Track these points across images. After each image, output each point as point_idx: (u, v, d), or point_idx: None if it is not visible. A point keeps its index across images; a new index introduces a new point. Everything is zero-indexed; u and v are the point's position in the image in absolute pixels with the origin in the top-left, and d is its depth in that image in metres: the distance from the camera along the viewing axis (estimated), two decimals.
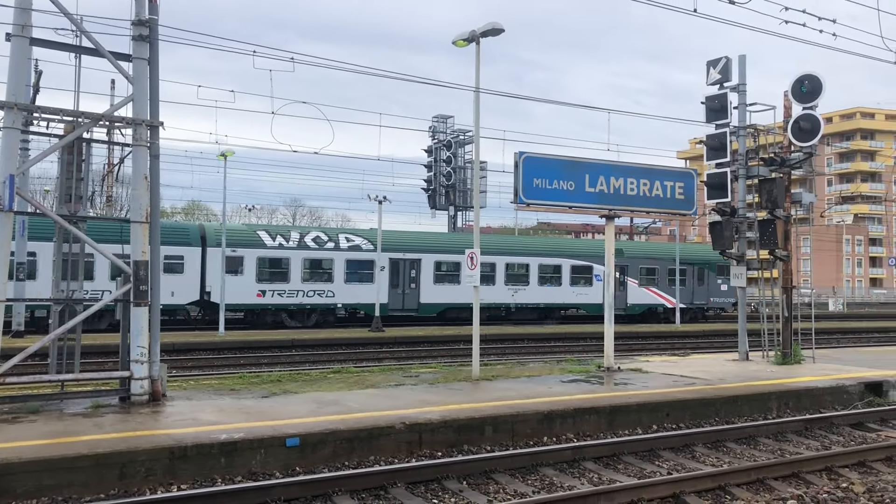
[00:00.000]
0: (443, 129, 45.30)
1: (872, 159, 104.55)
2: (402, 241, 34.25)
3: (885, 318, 46.34)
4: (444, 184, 44.43)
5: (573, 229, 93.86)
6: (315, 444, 8.96)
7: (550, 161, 14.77)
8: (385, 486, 8.17)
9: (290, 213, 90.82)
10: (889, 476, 8.94)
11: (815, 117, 16.71)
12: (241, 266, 30.59)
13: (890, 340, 31.42)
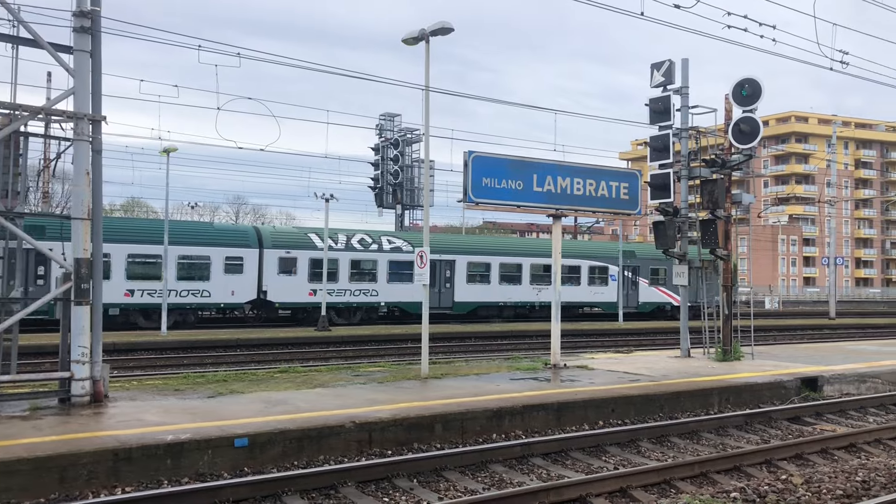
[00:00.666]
0: (390, 127, 45.18)
1: (806, 162, 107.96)
2: (438, 243, 35.48)
3: (818, 315, 47.90)
4: (391, 182, 44.32)
5: (518, 228, 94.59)
6: (264, 444, 8.86)
7: (499, 160, 14.87)
8: (335, 486, 8.13)
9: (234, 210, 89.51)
10: (825, 468, 9.27)
11: (754, 120, 17.18)
12: (294, 267, 31.90)
13: (823, 337, 32.51)
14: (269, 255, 31.28)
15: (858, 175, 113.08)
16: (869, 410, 13.55)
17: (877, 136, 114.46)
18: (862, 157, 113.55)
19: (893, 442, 11.01)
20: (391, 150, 44.28)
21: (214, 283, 29.77)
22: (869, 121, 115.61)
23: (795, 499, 7.70)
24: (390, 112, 45.42)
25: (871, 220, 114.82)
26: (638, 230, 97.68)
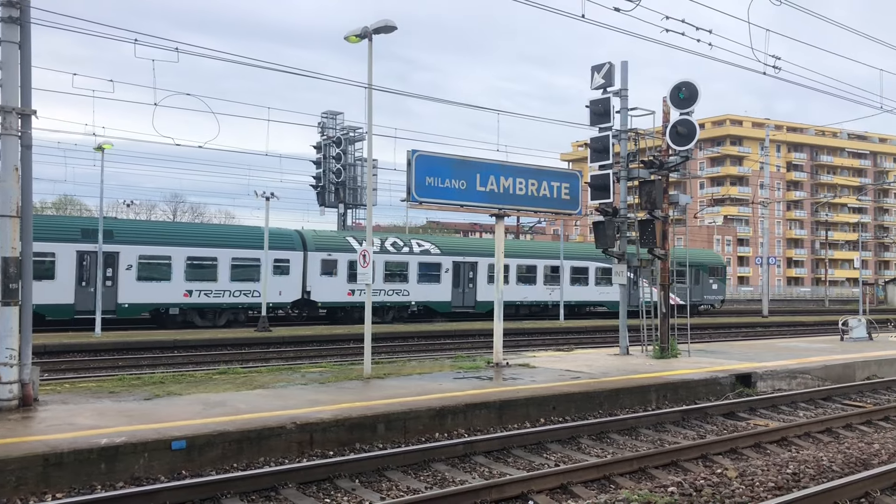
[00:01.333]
0: (332, 125, 44.79)
1: (741, 164, 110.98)
2: (462, 246, 38.82)
3: (752, 313, 49.27)
4: (333, 181, 43.90)
5: (461, 228, 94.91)
6: (202, 447, 8.69)
7: (443, 160, 14.89)
8: (276, 487, 8.03)
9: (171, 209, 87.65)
10: (758, 461, 9.53)
11: (691, 123, 17.58)
12: (334, 268, 33.75)
13: (756, 335, 33.47)
14: (312, 257, 33.04)
15: (790, 177, 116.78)
16: (799, 405, 14.00)
17: (807, 139, 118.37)
18: (793, 160, 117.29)
19: (822, 435, 11.41)
20: (333, 148, 43.88)
21: (264, 283, 30.56)
22: (799, 125, 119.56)
23: (730, 492, 7.90)
24: (333, 110, 45.02)
25: (801, 221, 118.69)
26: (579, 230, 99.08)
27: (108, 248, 28.00)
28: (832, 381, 16.44)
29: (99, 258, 26.54)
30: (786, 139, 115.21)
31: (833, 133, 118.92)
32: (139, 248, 29.10)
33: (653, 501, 7.40)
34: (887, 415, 12.94)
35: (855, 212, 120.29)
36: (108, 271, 28.34)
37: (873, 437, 11.07)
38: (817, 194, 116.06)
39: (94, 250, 27.51)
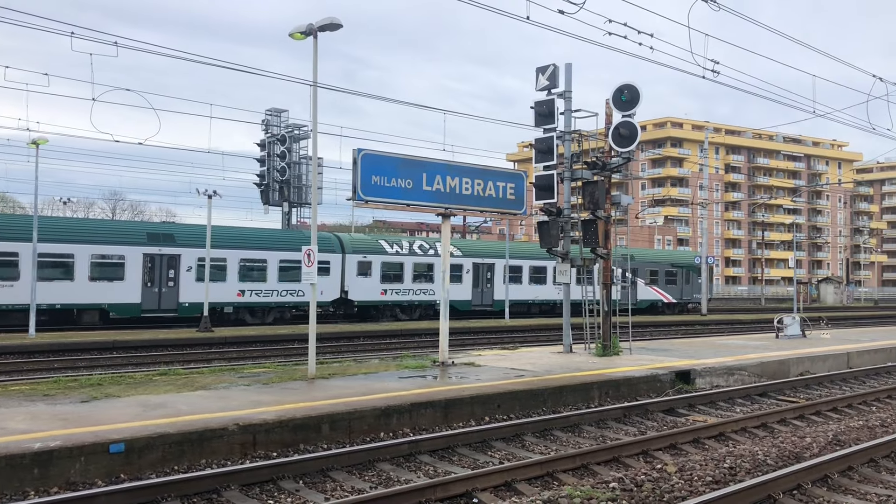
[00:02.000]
0: (277, 123, 44.24)
1: (681, 165, 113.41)
2: (481, 249, 41.55)
3: (690, 312, 50.34)
4: (277, 179, 43.36)
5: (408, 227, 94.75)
6: (142, 450, 8.51)
7: (389, 159, 14.86)
8: (218, 490, 7.91)
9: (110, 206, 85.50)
10: (696, 456, 9.76)
11: (633, 125, 17.89)
12: (369, 269, 36.12)
13: (696, 333, 34.23)
14: (350, 259, 35.47)
15: (728, 179, 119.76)
16: (736, 401, 14.38)
17: (744, 142, 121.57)
18: (731, 162, 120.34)
19: (757, 430, 11.74)
20: (278, 146, 43.35)
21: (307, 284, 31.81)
22: (737, 127, 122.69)
23: (669, 486, 8.07)
24: (278, 108, 44.48)
25: (739, 221, 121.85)
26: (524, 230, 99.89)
27: (171, 251, 30.63)
28: (768, 378, 16.93)
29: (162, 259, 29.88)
30: (724, 142, 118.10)
31: (769, 136, 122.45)
32: (198, 251, 30.56)
33: (595, 497, 7.52)
34: (819, 409, 13.39)
35: (790, 213, 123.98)
36: (170, 272, 30.46)
37: (805, 432, 11.45)
38: (754, 196, 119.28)
39: (159, 253, 30.34)
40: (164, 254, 30.36)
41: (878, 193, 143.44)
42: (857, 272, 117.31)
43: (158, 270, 30.40)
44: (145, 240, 30.51)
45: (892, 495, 8.17)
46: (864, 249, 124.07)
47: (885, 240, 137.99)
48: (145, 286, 30.22)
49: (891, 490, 8.41)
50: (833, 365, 19.18)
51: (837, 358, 19.55)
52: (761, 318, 42.48)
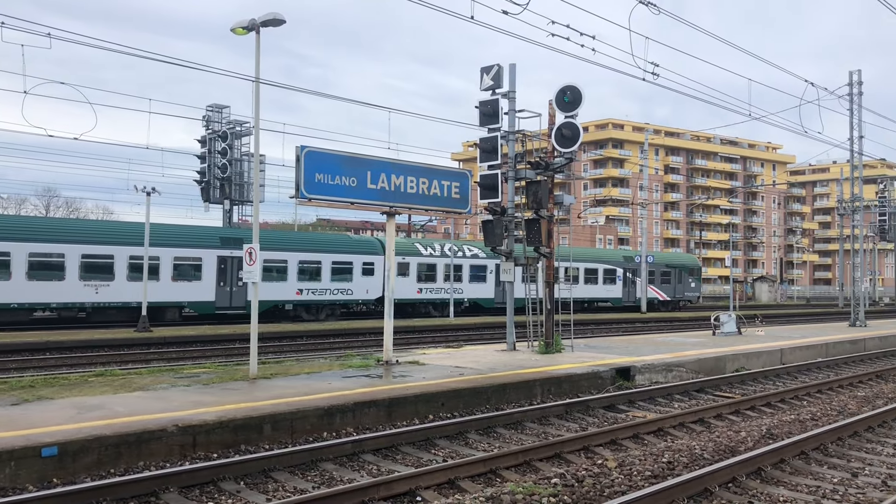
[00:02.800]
0: (218, 119, 43.51)
1: (622, 166, 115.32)
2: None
3: (631, 309, 51.24)
4: (218, 176, 42.65)
5: (353, 226, 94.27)
6: (76, 453, 8.28)
7: (333, 156, 14.75)
8: (156, 492, 7.75)
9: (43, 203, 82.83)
10: (636, 451, 9.95)
11: (575, 126, 18.12)
12: (407, 270, 39.29)
13: (636, 330, 34.86)
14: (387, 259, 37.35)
15: (667, 180, 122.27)
16: (675, 397, 14.70)
17: (683, 143, 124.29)
18: (670, 163, 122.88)
19: (695, 425, 12.02)
20: (219, 142, 42.63)
21: (355, 283, 37.29)
22: (676, 129, 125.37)
23: (610, 482, 8.22)
24: (219, 103, 43.75)
25: (678, 221, 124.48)
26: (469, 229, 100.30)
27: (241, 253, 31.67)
28: (705, 374, 17.35)
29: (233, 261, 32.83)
30: (664, 143, 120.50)
31: (707, 138, 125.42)
32: (265, 253, 30.83)
33: (537, 493, 7.60)
34: (753, 404, 13.78)
35: (726, 213, 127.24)
36: (238, 273, 32.48)
37: (741, 426, 11.77)
38: (692, 196, 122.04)
39: (230, 255, 32.94)
40: (234, 256, 32.86)
41: (810, 195, 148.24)
42: (790, 271, 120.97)
43: (229, 271, 33.30)
44: (219, 243, 33.54)
45: (820, 486, 8.46)
46: (796, 249, 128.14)
47: (817, 240, 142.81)
48: (218, 286, 33.19)
49: (819, 481, 8.71)
50: (767, 361, 19.76)
51: (771, 354, 20.15)
52: (699, 316, 43.46)
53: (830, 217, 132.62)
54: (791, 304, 78.69)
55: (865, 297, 39.05)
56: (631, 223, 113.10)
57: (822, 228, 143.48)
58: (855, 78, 32.15)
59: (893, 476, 8.92)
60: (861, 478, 8.84)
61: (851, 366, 20.81)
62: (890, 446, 10.62)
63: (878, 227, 61.47)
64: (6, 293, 27.87)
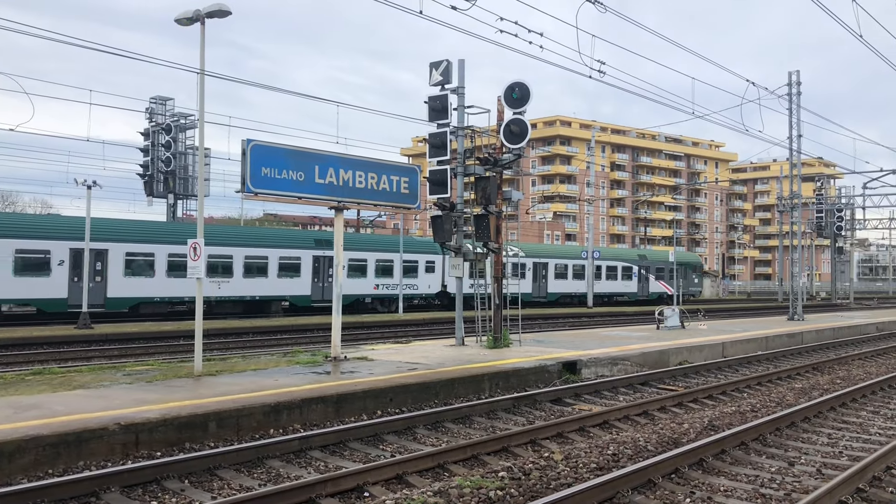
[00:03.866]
0: (162, 111, 42.61)
1: (569, 163, 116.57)
2: (538, 251, 51.96)
3: (578, 305, 51.91)
4: (162, 170, 41.78)
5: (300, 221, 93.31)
6: (12, 454, 8.03)
7: (280, 150, 14.57)
8: (96, 493, 7.57)
9: None
10: (582, 444, 10.09)
11: (523, 122, 18.25)
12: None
13: (582, 325, 35.30)
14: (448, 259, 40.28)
15: (613, 177, 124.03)
16: (620, 390, 14.94)
17: (629, 141, 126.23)
18: (616, 161, 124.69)
19: (639, 418, 12.24)
20: (163, 135, 41.75)
21: (420, 279, 42.64)
22: (622, 127, 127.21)
23: (556, 474, 8.32)
24: (162, 95, 42.85)
25: (623, 217, 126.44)
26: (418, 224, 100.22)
27: (330, 253, 36.19)
28: (649, 367, 17.67)
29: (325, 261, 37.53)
30: (610, 140, 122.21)
31: (652, 136, 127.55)
32: (348, 253, 36.44)
33: (484, 487, 7.65)
34: (696, 397, 14.09)
35: (671, 210, 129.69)
36: (329, 271, 36.96)
37: (684, 418, 12.03)
38: (637, 193, 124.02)
39: (323, 255, 37.23)
40: (327, 255, 37.23)
41: (752, 192, 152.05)
42: (731, 266, 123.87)
43: (322, 269, 37.79)
44: (313, 244, 38.04)
45: (759, 475, 8.70)
46: (738, 245, 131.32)
47: (758, 236, 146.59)
48: (313, 282, 37.63)
49: (758, 470, 8.96)
50: (709, 354, 20.23)
51: (713, 348, 20.63)
52: (643, 311, 44.24)
53: (771, 214, 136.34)
54: (733, 298, 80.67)
55: (803, 292, 40.16)
56: (578, 219, 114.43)
57: (762, 225, 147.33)
58: (794, 78, 33.06)
59: (828, 464, 9.22)
60: (797, 466, 9.13)
61: (789, 358, 21.43)
62: (825, 436, 10.98)
63: (816, 224, 63.46)
64: (154, 288, 32.92)
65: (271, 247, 36.57)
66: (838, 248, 67.71)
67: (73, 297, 29.88)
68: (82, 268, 28.31)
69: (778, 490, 8.11)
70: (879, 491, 8.06)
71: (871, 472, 8.48)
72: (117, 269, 31.55)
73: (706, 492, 8.03)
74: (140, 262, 32.32)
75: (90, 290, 28.70)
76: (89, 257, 28.18)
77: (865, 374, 17.49)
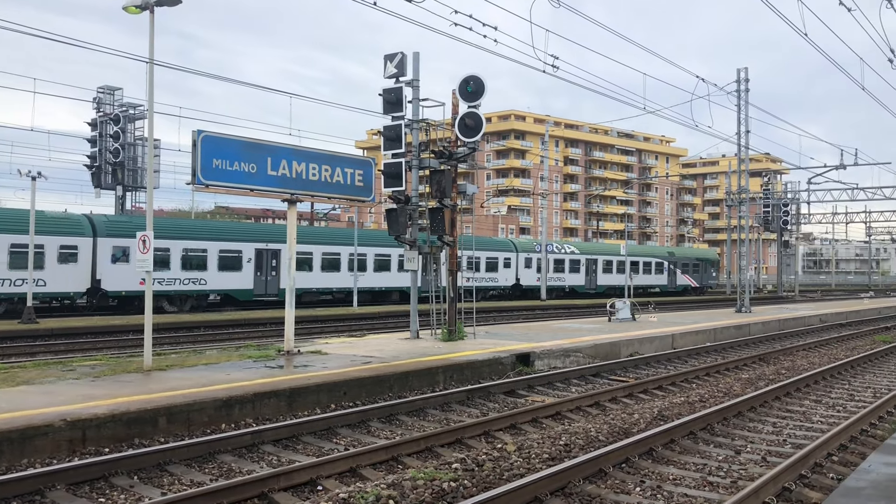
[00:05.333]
0: (110, 101, 41.61)
1: (524, 157, 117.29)
2: (590, 249, 59.83)
3: (532, 298, 52.31)
4: (110, 161, 40.82)
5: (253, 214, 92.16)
6: None
7: (232, 142, 14.35)
8: (41, 490, 7.41)
9: None
10: (535, 435, 10.19)
11: (478, 116, 18.28)
12: (531, 263, 52.11)
13: (535, 317, 35.60)
14: (521, 256, 51.61)
15: (567, 171, 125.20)
16: (572, 381, 15.13)
17: (582, 135, 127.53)
18: (570, 155, 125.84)
19: (591, 408, 12.41)
20: (111, 126, 40.77)
21: (500, 274, 49.71)
22: (575, 122, 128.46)
23: (509, 465, 8.39)
24: (110, 85, 41.85)
25: (576, 211, 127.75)
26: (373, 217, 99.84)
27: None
28: (601, 359, 17.91)
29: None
30: (563, 135, 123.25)
31: (605, 131, 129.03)
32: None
33: (438, 478, 7.68)
34: (646, 388, 14.33)
35: (622, 204, 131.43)
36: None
37: (634, 409, 12.23)
38: (590, 187, 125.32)
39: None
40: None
41: (701, 186, 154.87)
42: None
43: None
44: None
45: (707, 464, 8.90)
46: (688, 239, 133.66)
47: (707, 230, 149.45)
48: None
49: (706, 459, 9.16)
50: (659, 346, 20.58)
51: (663, 339, 21.00)
52: (595, 303, 44.75)
53: (719, 208, 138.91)
54: None
55: (750, 284, 41.15)
56: (532, 213, 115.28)
57: (711, 219, 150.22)
58: (742, 75, 33.74)
59: (772, 452, 9.47)
60: (743, 455, 9.36)
61: (737, 350, 21.93)
62: (770, 424, 11.27)
63: (763, 219, 64.96)
64: (308, 281, 38.74)
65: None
66: (784, 241, 69.41)
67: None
68: None
69: (725, 478, 8.30)
70: (821, 477, 8.31)
71: (812, 458, 8.74)
72: None
73: (656, 480, 8.18)
74: None
75: None
76: None
77: (809, 365, 17.98)
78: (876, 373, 17.17)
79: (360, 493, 7.16)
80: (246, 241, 37.09)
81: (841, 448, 9.61)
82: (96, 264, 31.64)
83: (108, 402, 9.93)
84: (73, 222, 32.17)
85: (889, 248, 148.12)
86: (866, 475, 7.06)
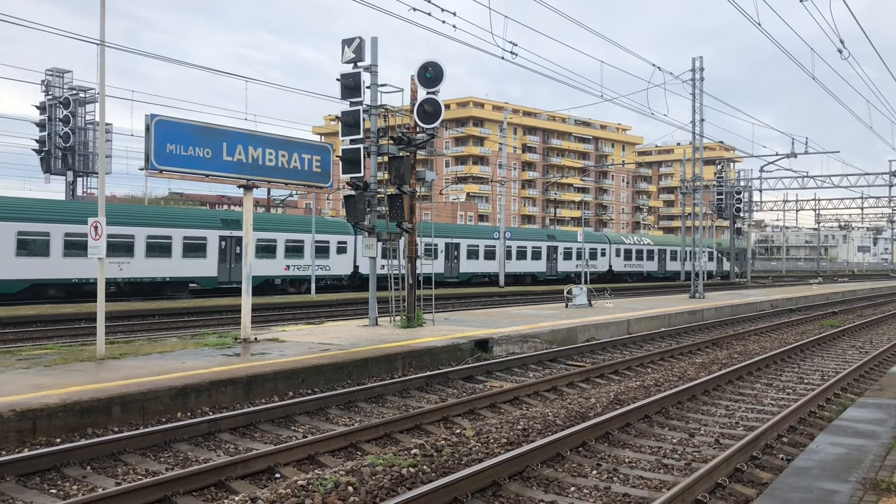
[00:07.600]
0: (59, 84, 40.60)
1: (482, 144, 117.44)
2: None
3: (490, 284, 52.58)
4: (60, 146, 39.89)
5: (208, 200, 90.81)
6: None
7: (186, 126, 14.11)
8: None
9: None
10: (493, 420, 10.26)
11: (437, 102, 18.23)
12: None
13: (494, 304, 35.77)
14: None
15: (525, 158, 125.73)
16: (530, 367, 15.25)
17: (540, 123, 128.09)
18: (528, 143, 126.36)
19: (549, 393, 12.54)
20: (61, 110, 39.82)
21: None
22: (534, 109, 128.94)
23: (468, 450, 8.43)
24: (59, 67, 40.82)
25: (534, 198, 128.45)
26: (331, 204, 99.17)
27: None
28: (558, 344, 18.09)
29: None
30: (521, 123, 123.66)
31: (562, 119, 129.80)
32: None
33: (397, 464, 7.69)
34: (602, 372, 14.52)
35: (579, 191, 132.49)
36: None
37: (590, 393, 12.38)
38: (548, 175, 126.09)
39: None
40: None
41: (656, 174, 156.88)
42: None
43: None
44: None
45: (662, 446, 9.06)
46: (643, 226, 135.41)
47: (662, 217, 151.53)
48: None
49: (661, 442, 9.33)
50: (615, 331, 20.86)
51: (619, 325, 21.28)
52: (553, 290, 45.13)
53: (674, 196, 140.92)
54: None
55: (704, 271, 41.96)
56: (490, 200, 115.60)
57: (666, 206, 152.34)
58: (697, 64, 34.20)
59: (725, 434, 9.68)
60: (697, 437, 9.55)
61: (691, 335, 22.33)
62: (723, 408, 11.51)
63: (716, 206, 66.06)
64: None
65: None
66: (737, 228, 70.76)
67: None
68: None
69: (679, 460, 8.47)
70: (771, 458, 8.53)
71: (763, 440, 8.96)
72: None
73: (612, 464, 8.30)
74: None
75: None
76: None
77: (760, 349, 18.40)
78: (824, 356, 17.64)
79: (318, 480, 7.13)
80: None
81: (791, 430, 9.86)
82: None
83: (60, 391, 9.73)
84: None
85: (837, 236, 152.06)
86: (814, 455, 7.26)
